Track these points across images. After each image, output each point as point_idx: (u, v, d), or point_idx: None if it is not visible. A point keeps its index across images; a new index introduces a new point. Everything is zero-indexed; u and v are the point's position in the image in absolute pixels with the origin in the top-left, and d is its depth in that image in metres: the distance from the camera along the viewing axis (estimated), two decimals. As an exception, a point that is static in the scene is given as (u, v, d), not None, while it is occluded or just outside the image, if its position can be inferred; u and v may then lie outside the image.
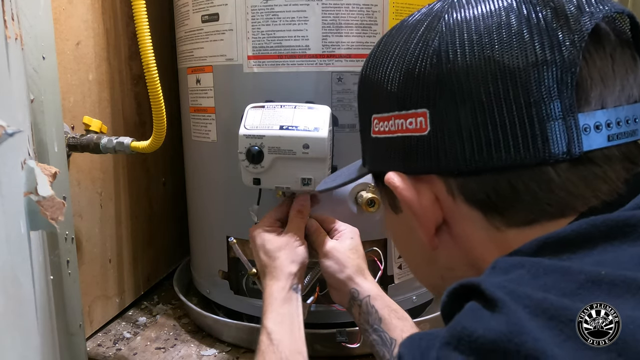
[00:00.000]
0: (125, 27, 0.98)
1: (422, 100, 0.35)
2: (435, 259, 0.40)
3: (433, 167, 0.36)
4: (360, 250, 0.73)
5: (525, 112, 0.32)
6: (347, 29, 0.77)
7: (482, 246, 0.36)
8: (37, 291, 0.43)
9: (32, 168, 0.39)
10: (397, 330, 0.64)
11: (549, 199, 0.32)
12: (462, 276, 0.37)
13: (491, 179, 0.33)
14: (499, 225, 0.34)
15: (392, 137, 0.38)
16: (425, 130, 0.35)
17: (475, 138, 0.33)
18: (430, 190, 0.37)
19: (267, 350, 0.60)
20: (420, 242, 0.39)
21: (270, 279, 0.68)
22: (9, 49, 0.39)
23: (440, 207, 0.37)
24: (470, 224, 0.36)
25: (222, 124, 0.86)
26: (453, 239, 0.38)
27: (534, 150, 0.32)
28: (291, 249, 0.70)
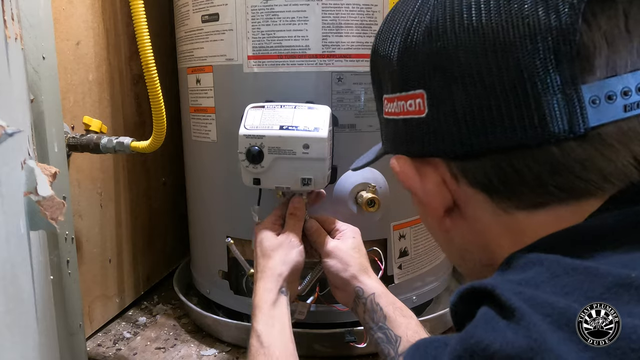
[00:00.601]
0: (125, 27, 0.98)
1: (418, 80, 0.34)
2: (451, 239, 0.39)
3: (435, 150, 0.34)
4: (363, 249, 0.73)
5: (519, 88, 0.29)
6: (347, 29, 0.77)
7: (492, 229, 0.34)
8: (37, 291, 0.43)
9: (32, 168, 0.39)
10: (402, 328, 0.64)
11: (556, 182, 0.30)
12: (478, 258, 0.37)
13: (492, 161, 0.31)
14: (506, 208, 0.33)
15: (397, 119, 0.37)
16: (424, 112, 0.34)
17: (471, 119, 0.31)
18: (436, 173, 0.35)
19: (257, 353, 0.60)
20: None
21: (260, 280, 0.68)
22: (9, 49, 0.39)
23: (448, 189, 0.35)
24: (478, 207, 0.34)
25: (222, 124, 0.86)
26: (464, 221, 0.36)
27: (532, 129, 0.29)
28: (285, 251, 0.70)
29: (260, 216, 0.78)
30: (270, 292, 0.66)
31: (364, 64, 0.79)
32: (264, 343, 0.60)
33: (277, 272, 0.68)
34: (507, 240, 0.33)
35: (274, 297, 0.66)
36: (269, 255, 0.69)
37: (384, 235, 0.86)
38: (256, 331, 0.62)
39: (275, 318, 0.64)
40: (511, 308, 0.24)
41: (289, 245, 0.70)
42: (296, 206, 0.75)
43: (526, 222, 0.32)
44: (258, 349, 0.60)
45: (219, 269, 0.92)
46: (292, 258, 0.69)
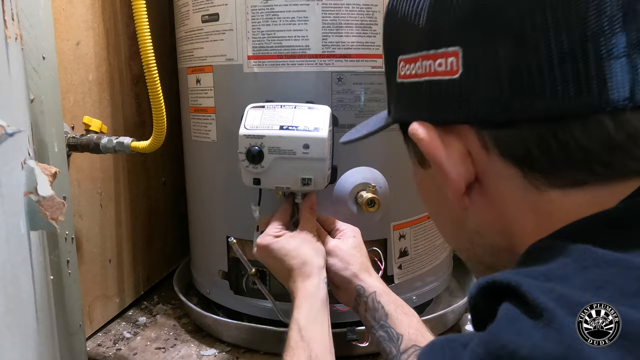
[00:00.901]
0: (125, 27, 0.98)
1: (454, 36, 0.30)
2: (465, 222, 0.35)
3: (464, 117, 0.31)
4: (363, 248, 0.73)
5: (579, 47, 0.26)
6: (347, 29, 0.77)
7: (516, 209, 0.31)
8: (37, 291, 0.43)
9: (32, 168, 0.39)
10: (404, 326, 0.63)
11: (602, 157, 0.27)
12: (490, 242, 0.34)
13: (533, 130, 0.28)
14: (539, 185, 0.30)
15: (419, 81, 0.33)
16: (457, 72, 0.30)
17: (516, 80, 0.28)
18: (461, 143, 0.32)
19: (296, 346, 0.59)
20: (448, 202, 0.35)
21: (300, 276, 0.67)
22: (9, 49, 0.39)
23: (472, 162, 0.32)
24: (505, 183, 0.31)
25: (222, 124, 0.86)
26: (485, 199, 0.33)
27: (588, 94, 0.26)
28: (312, 244, 0.70)
29: (260, 213, 0.78)
30: (316, 286, 0.66)
31: (364, 64, 0.79)
32: (305, 337, 0.59)
33: (317, 264, 0.68)
34: (532, 222, 0.30)
35: (318, 290, 0.65)
36: (297, 253, 0.68)
37: (384, 235, 0.86)
38: (298, 323, 0.61)
39: (318, 311, 0.63)
40: (539, 308, 0.22)
41: (311, 239, 0.71)
42: (314, 202, 0.75)
43: (558, 202, 0.29)
44: (298, 342, 0.59)
45: (219, 269, 0.92)
46: (321, 249, 0.70)
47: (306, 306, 0.63)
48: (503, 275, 0.26)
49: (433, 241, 0.93)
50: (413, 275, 0.90)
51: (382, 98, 0.81)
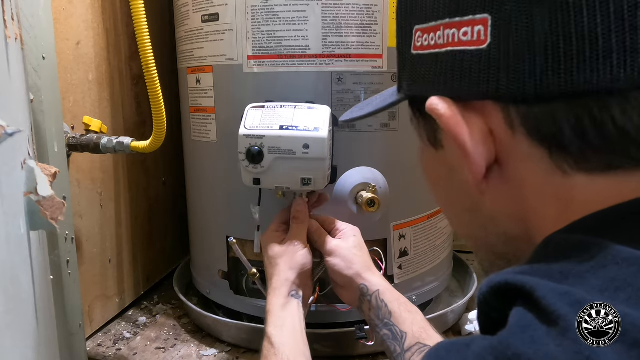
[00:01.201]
0: (125, 27, 0.98)
1: (483, 2, 0.28)
2: (479, 207, 0.33)
3: (490, 91, 0.28)
4: (364, 247, 0.73)
5: (626, 16, 0.24)
6: (347, 29, 0.77)
7: (537, 194, 0.29)
8: (37, 291, 0.43)
9: (32, 168, 0.39)
10: (408, 323, 0.63)
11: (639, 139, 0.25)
12: (505, 230, 0.32)
13: (567, 107, 0.26)
14: (566, 169, 0.27)
15: (439, 52, 0.30)
16: (485, 42, 0.28)
17: (553, 51, 0.25)
18: (483, 120, 0.29)
19: (268, 354, 0.60)
20: (463, 186, 0.32)
21: (270, 287, 0.69)
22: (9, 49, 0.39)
23: (493, 142, 0.30)
24: (529, 165, 0.29)
25: (222, 124, 0.86)
26: (504, 183, 0.31)
27: (633, 69, 0.24)
28: (290, 256, 0.70)
29: (260, 214, 0.78)
30: (280, 297, 0.67)
31: (364, 64, 0.79)
32: (275, 344, 0.60)
33: (284, 277, 0.68)
34: (552, 209, 0.28)
35: (284, 301, 0.66)
36: (275, 264, 0.70)
37: (384, 235, 0.86)
38: (267, 334, 0.63)
39: (285, 319, 0.64)
40: (555, 314, 0.21)
41: (293, 250, 0.71)
42: (299, 209, 0.75)
43: (584, 188, 0.27)
44: (269, 350, 0.60)
45: (219, 269, 0.92)
46: (297, 262, 0.70)
47: (273, 318, 0.65)
48: (516, 276, 0.24)
49: (433, 241, 0.93)
50: (413, 275, 0.90)
51: (382, 98, 0.81)
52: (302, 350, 0.62)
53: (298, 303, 0.68)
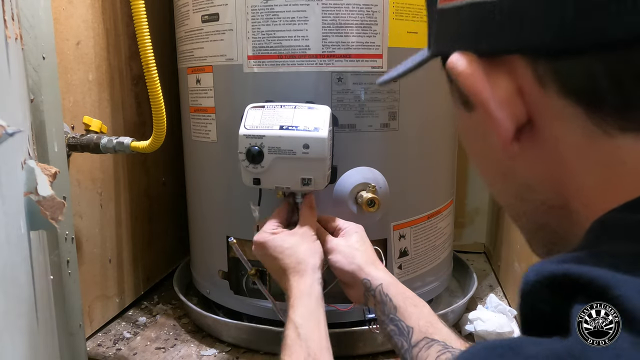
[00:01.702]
0: (125, 27, 0.98)
1: None
2: (512, 172, 0.30)
3: (516, 44, 0.25)
4: (367, 242, 0.73)
5: None
6: (347, 29, 0.77)
7: (576, 157, 0.26)
8: (37, 291, 0.43)
9: (32, 168, 0.39)
10: (414, 318, 0.62)
11: None
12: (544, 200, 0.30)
13: (603, 58, 0.23)
14: (608, 129, 0.24)
15: (462, 4, 0.28)
16: None
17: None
18: (511, 77, 0.27)
19: (294, 344, 0.59)
20: (495, 150, 0.30)
21: (295, 275, 0.67)
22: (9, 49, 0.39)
23: (523, 100, 0.27)
24: (564, 125, 0.26)
25: (222, 124, 0.86)
26: (537, 146, 0.28)
27: None
28: (309, 244, 0.70)
29: (260, 213, 0.78)
30: (307, 284, 0.66)
31: (364, 64, 0.79)
32: (302, 335, 0.59)
33: (312, 263, 0.68)
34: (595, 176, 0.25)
35: (310, 289, 0.65)
36: (293, 252, 0.68)
37: (384, 235, 0.86)
38: (294, 322, 0.61)
39: (312, 310, 0.63)
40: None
41: (311, 238, 0.70)
42: (313, 200, 0.75)
43: (630, 151, 0.24)
44: (295, 340, 0.59)
45: (219, 269, 0.92)
46: (318, 249, 0.70)
47: (301, 305, 0.63)
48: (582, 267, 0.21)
49: (433, 241, 0.93)
50: (413, 275, 0.90)
51: (382, 98, 0.81)
52: (326, 346, 0.60)
53: (321, 292, 0.67)
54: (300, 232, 0.71)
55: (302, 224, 0.72)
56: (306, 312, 0.62)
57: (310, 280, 0.66)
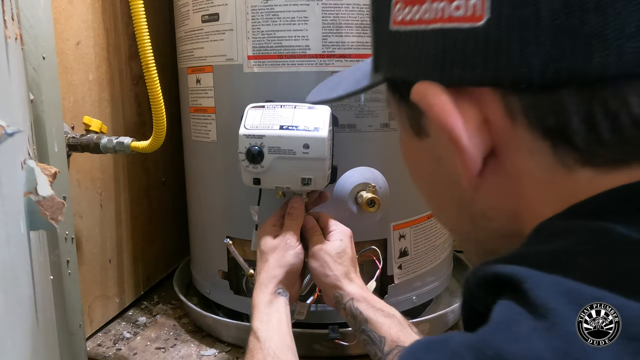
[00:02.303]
0: (125, 27, 0.98)
1: None
2: (470, 201, 0.30)
3: (487, 77, 0.24)
4: (348, 252, 0.72)
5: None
6: (347, 29, 0.77)
7: (536, 190, 0.26)
8: (37, 291, 0.43)
9: (32, 168, 0.39)
10: (385, 328, 0.64)
11: None
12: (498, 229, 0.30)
13: (577, 96, 0.23)
14: (570, 163, 0.24)
15: (426, 29, 0.26)
16: (481, 18, 0.24)
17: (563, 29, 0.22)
18: (478, 109, 0.26)
19: (254, 348, 0.60)
20: (453, 180, 0.29)
21: (257, 281, 0.69)
22: (9, 49, 0.39)
23: (489, 131, 0.26)
24: (529, 158, 0.26)
25: (222, 124, 0.86)
26: (499, 177, 0.28)
27: None
28: (281, 253, 0.70)
29: (260, 215, 0.78)
30: (266, 293, 0.67)
31: (364, 64, 0.78)
32: (260, 338, 0.61)
33: (272, 274, 0.68)
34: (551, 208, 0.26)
35: (270, 297, 0.66)
36: (265, 259, 0.70)
37: (384, 235, 0.86)
38: (253, 329, 0.63)
39: (271, 315, 0.64)
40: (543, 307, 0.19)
41: (284, 247, 0.70)
42: (294, 206, 0.74)
43: (586, 185, 0.24)
44: (255, 344, 0.60)
45: (219, 269, 0.92)
46: (286, 261, 0.69)
47: (257, 312, 0.65)
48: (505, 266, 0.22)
49: (433, 241, 0.93)
50: (413, 275, 0.90)
51: (382, 98, 0.81)
52: (288, 345, 0.62)
53: (284, 300, 0.68)
54: (278, 239, 0.71)
55: (283, 230, 0.73)
56: (264, 317, 0.64)
57: (267, 290, 0.67)
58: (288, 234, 0.72)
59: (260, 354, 0.59)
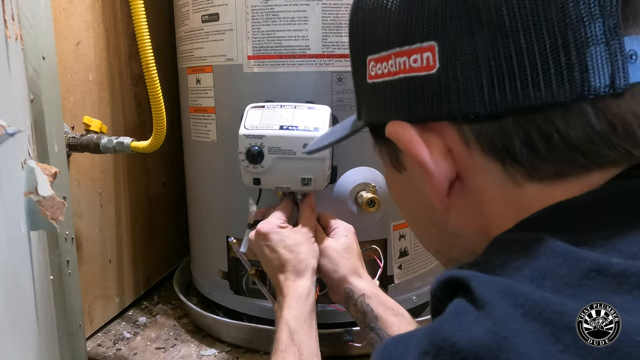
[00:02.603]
0: (125, 27, 0.98)
1: (428, 31, 0.29)
2: (444, 224, 0.34)
3: (444, 112, 0.30)
4: (355, 248, 0.73)
5: (559, 35, 0.26)
6: (347, 29, 0.77)
7: (495, 205, 0.31)
8: (37, 291, 0.43)
9: (32, 168, 0.39)
10: (394, 328, 0.64)
11: (583, 147, 0.27)
12: (470, 246, 0.34)
13: (515, 122, 0.28)
14: (519, 179, 0.29)
15: (393, 79, 0.32)
16: (434, 67, 0.29)
17: (496, 72, 0.27)
18: (441, 140, 0.31)
19: (287, 350, 0.59)
20: (427, 204, 0.34)
21: (293, 274, 0.67)
22: (9, 49, 0.39)
23: (452, 159, 0.31)
24: (485, 178, 0.31)
25: (222, 124, 0.86)
26: (465, 198, 0.32)
27: (570, 83, 0.26)
28: (310, 245, 0.70)
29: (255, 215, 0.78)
30: (306, 287, 0.66)
31: (364, 64, 0.79)
32: (295, 341, 0.60)
33: (312, 265, 0.68)
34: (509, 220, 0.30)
35: (307, 290, 0.66)
36: (298, 252, 0.69)
37: (384, 235, 0.86)
38: (288, 326, 0.61)
39: (307, 317, 0.64)
40: (483, 300, 0.23)
41: (311, 240, 0.71)
42: (313, 201, 0.75)
43: (536, 197, 0.29)
44: (289, 346, 0.60)
45: (219, 269, 0.92)
46: (316, 251, 0.70)
47: (297, 308, 0.63)
48: (460, 271, 0.26)
49: (433, 241, 0.93)
50: (413, 275, 0.90)
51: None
52: (316, 352, 0.62)
53: (314, 296, 0.67)
54: (302, 231, 0.71)
55: (303, 224, 0.72)
56: (301, 317, 0.63)
57: (309, 283, 0.67)
58: (309, 229, 0.72)
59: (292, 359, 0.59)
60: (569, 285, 0.23)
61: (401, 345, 0.26)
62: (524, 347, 0.22)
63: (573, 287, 0.23)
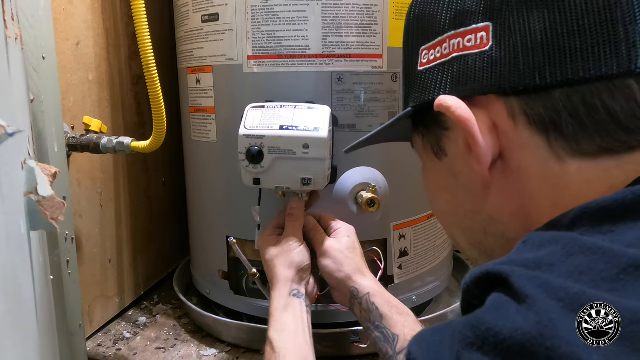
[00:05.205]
0: (125, 27, 0.98)
1: (484, 13, 0.32)
2: (480, 207, 0.36)
3: (493, 86, 0.32)
4: (358, 248, 0.73)
5: (608, 13, 0.28)
6: (347, 29, 0.77)
7: (535, 182, 0.32)
8: (37, 291, 0.43)
9: (32, 168, 0.39)
10: (399, 326, 0.64)
11: (626, 122, 0.28)
12: (504, 232, 0.35)
13: (562, 95, 0.29)
14: (562, 155, 0.30)
15: (445, 61, 0.35)
16: (487, 44, 0.32)
17: (547, 47, 0.29)
18: (487, 115, 0.33)
19: (270, 359, 0.60)
20: (467, 188, 0.35)
21: (271, 290, 0.69)
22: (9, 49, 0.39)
23: (497, 136, 0.33)
24: (529, 154, 0.32)
25: (222, 124, 0.86)
26: (505, 176, 0.33)
27: (618, 58, 0.28)
28: (286, 255, 0.70)
29: (261, 216, 0.78)
30: (281, 298, 0.67)
31: (364, 64, 0.79)
32: (276, 348, 0.60)
33: (283, 277, 0.68)
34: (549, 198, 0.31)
35: (285, 302, 0.66)
36: (272, 265, 0.70)
37: (384, 235, 0.86)
38: (268, 338, 0.62)
39: (286, 323, 0.64)
40: (524, 295, 0.24)
41: (288, 248, 0.71)
42: (294, 207, 0.75)
43: (575, 175, 0.30)
44: (271, 355, 0.60)
45: (219, 269, 0.92)
46: (294, 260, 0.70)
47: (274, 321, 0.64)
48: (496, 266, 0.27)
49: (433, 241, 0.93)
50: (413, 275, 0.90)
51: (382, 98, 0.81)
52: (304, 354, 0.61)
53: (300, 302, 0.67)
54: (280, 244, 0.72)
55: (284, 234, 0.73)
56: (280, 326, 0.64)
57: (281, 292, 0.67)
58: (290, 235, 0.72)
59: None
60: (607, 280, 0.24)
61: (438, 335, 0.27)
62: (567, 335, 0.22)
63: (611, 282, 0.24)
